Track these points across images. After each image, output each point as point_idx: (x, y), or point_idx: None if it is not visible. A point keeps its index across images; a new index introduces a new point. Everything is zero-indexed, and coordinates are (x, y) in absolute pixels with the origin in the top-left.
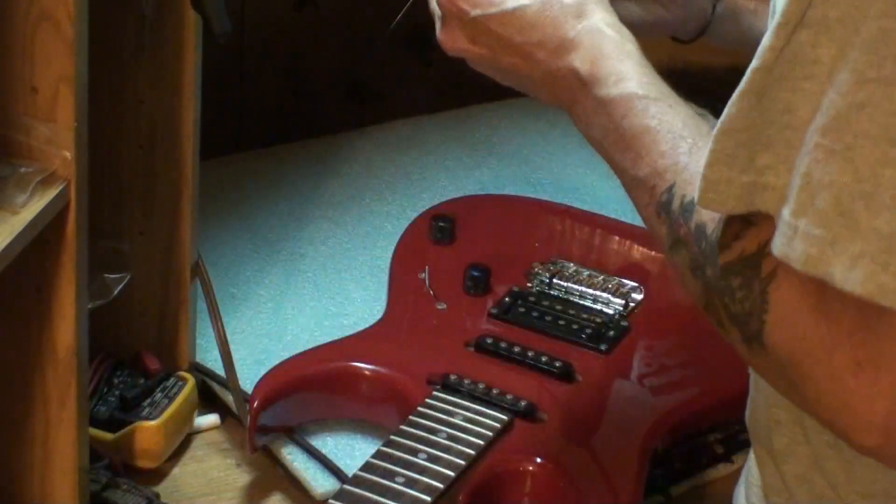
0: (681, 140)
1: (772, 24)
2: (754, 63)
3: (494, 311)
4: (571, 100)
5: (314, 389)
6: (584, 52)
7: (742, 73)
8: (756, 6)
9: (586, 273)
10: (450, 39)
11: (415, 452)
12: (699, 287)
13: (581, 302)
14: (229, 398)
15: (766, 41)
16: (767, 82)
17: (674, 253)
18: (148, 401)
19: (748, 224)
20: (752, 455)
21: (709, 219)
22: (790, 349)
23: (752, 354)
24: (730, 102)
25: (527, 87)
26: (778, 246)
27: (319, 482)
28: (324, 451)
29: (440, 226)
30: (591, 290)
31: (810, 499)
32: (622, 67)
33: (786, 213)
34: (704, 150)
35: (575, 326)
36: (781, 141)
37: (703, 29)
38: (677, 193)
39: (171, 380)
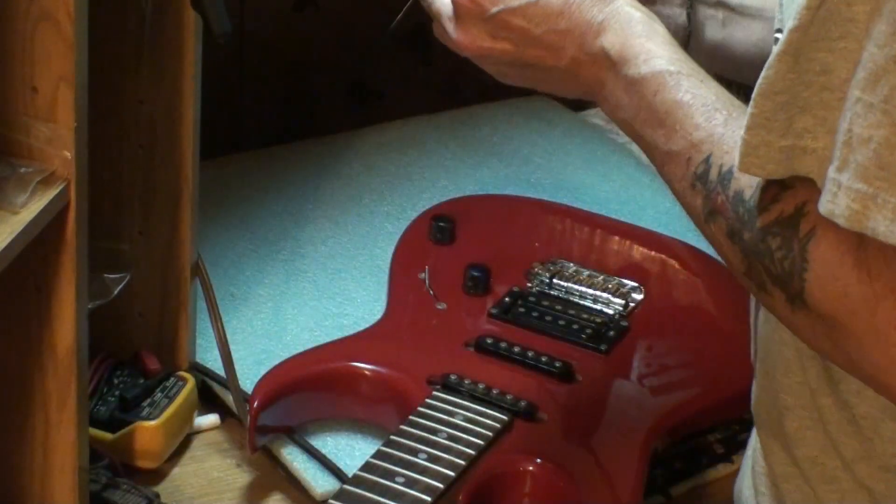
0: (715, 112)
1: None
2: (790, 23)
3: (494, 311)
4: (599, 83)
5: (314, 389)
6: (613, 34)
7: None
8: (724, 16)
9: (586, 273)
10: (468, 39)
11: (415, 452)
12: (737, 253)
13: (581, 302)
14: (229, 398)
15: (802, 0)
16: (803, 43)
17: (710, 223)
18: (148, 401)
19: (785, 187)
20: (754, 444)
21: (746, 185)
22: (832, 307)
23: (796, 315)
24: (767, 65)
25: (549, 80)
26: (824, 203)
27: (319, 482)
28: (324, 451)
29: (440, 226)
30: (591, 290)
31: (823, 481)
32: (651, 45)
33: (831, 170)
34: (740, 121)
35: (575, 326)
36: (819, 103)
37: (684, 44)
38: (714, 163)
39: (171, 380)
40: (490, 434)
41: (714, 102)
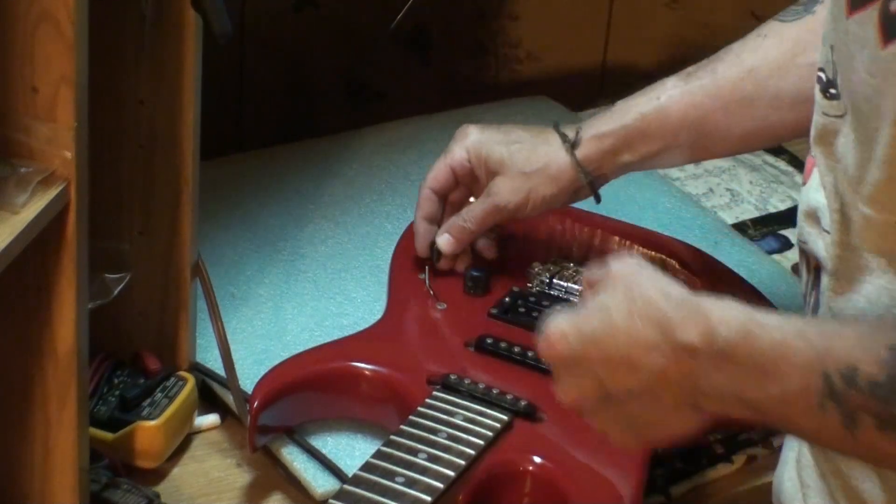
0: (806, 328)
1: None
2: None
3: (494, 311)
4: (692, 379)
5: (314, 389)
6: (684, 322)
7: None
8: (661, 148)
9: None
10: (561, 392)
11: (415, 452)
12: None
13: None
14: (229, 398)
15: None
16: None
17: (853, 430)
18: (148, 401)
19: None
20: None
21: (874, 371)
22: None
23: None
24: None
25: (646, 408)
26: None
27: (319, 482)
28: (324, 451)
29: None
30: None
31: (865, 473)
32: (723, 312)
33: None
34: (826, 325)
35: None
36: None
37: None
38: (833, 374)
39: (171, 380)
40: (490, 434)
41: (798, 319)
